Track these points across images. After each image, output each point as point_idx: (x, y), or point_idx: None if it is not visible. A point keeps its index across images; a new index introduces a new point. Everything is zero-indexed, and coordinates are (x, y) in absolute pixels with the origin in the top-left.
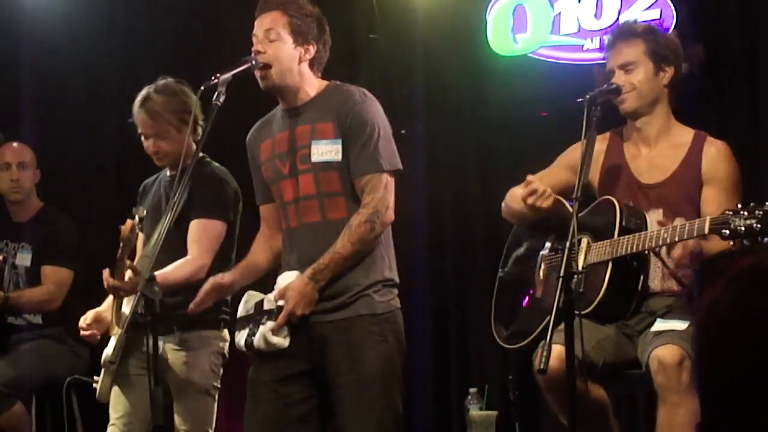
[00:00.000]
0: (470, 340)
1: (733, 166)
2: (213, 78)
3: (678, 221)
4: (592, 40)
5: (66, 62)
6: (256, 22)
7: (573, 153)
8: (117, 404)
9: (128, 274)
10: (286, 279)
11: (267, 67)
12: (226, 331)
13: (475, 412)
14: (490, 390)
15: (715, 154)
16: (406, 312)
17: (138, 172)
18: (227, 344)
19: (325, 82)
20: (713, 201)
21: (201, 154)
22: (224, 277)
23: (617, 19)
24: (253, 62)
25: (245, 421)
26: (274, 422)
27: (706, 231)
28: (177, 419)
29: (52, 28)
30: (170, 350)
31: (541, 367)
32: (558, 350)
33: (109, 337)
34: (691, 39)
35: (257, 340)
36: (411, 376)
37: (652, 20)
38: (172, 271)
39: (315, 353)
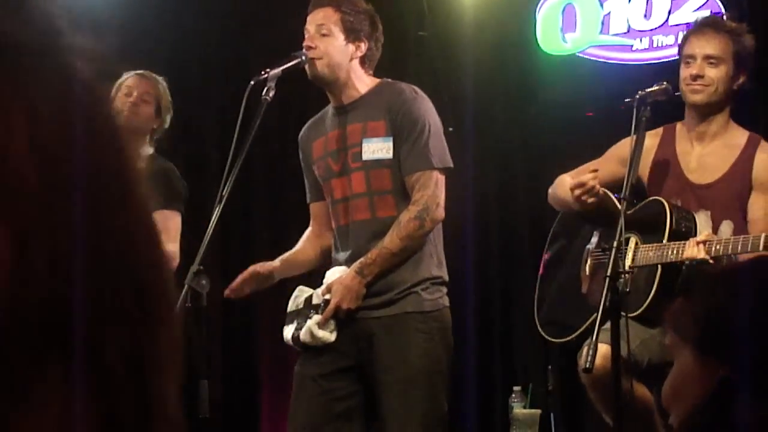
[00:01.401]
0: (515, 338)
1: None
2: (263, 73)
3: (725, 224)
4: (641, 41)
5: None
6: (308, 18)
7: (624, 146)
8: None
9: None
10: (335, 274)
11: (317, 58)
12: None
13: (518, 410)
14: (534, 389)
15: (766, 160)
16: (452, 309)
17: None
18: None
19: (376, 80)
20: (761, 208)
21: (151, 150)
22: (264, 266)
23: (666, 19)
24: (303, 57)
25: (289, 415)
26: (318, 416)
27: (761, 249)
28: None
29: (99, 26)
30: None
31: (587, 366)
32: (603, 349)
33: None
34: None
35: (303, 334)
36: (456, 373)
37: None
38: None
39: (361, 349)
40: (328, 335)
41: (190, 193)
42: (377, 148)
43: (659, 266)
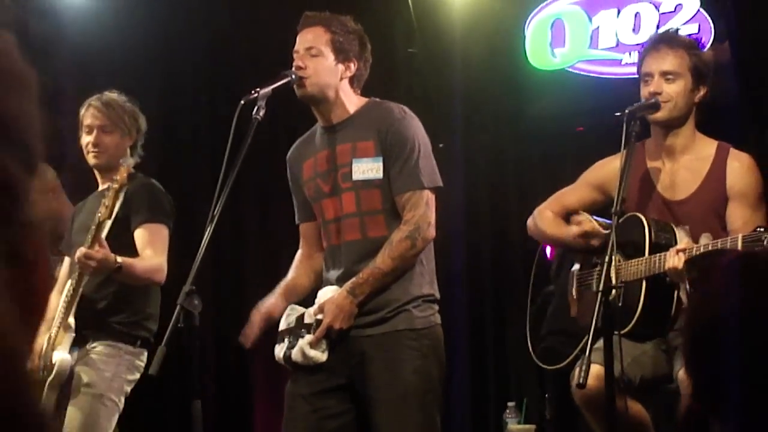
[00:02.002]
0: (508, 354)
1: (758, 179)
2: (252, 92)
3: (704, 237)
4: (630, 55)
5: (105, 61)
6: (298, 38)
7: (597, 170)
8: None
9: (80, 250)
10: (326, 294)
11: (305, 78)
12: (143, 352)
13: (513, 426)
14: (528, 404)
15: (738, 168)
16: (444, 326)
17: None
18: (142, 365)
19: (364, 99)
20: (740, 217)
21: (132, 170)
22: (273, 305)
23: (656, 33)
24: (293, 77)
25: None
26: None
27: (739, 248)
28: (66, 420)
29: (90, 48)
30: (80, 353)
31: (580, 381)
32: (596, 370)
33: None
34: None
35: (295, 354)
36: (449, 390)
37: (692, 34)
38: (139, 261)
39: (353, 367)
40: (320, 355)
41: (181, 213)
42: (367, 168)
43: (644, 281)
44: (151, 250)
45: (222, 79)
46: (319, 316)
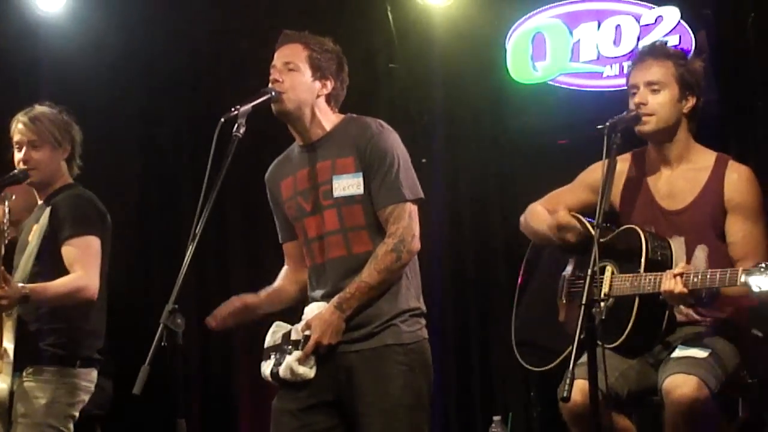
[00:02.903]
0: (493, 368)
1: (756, 191)
2: (233, 109)
3: (699, 249)
4: (611, 67)
5: (85, 79)
6: (276, 54)
7: (594, 172)
8: None
9: None
10: (313, 310)
11: (282, 93)
12: (87, 372)
13: None
14: (514, 417)
15: (737, 180)
16: (429, 339)
17: (158, 195)
18: (90, 384)
19: (341, 116)
20: (739, 230)
21: (70, 181)
22: (247, 298)
23: (636, 45)
24: (273, 93)
25: None
26: None
27: (738, 283)
28: None
29: (70, 43)
30: (16, 381)
31: (564, 395)
32: (580, 384)
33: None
34: (709, 63)
35: (283, 370)
36: (435, 404)
37: (672, 46)
38: (55, 283)
39: (340, 383)
40: (308, 371)
41: (163, 231)
42: (348, 185)
43: (637, 297)
44: (78, 266)
45: (202, 97)
46: (307, 332)
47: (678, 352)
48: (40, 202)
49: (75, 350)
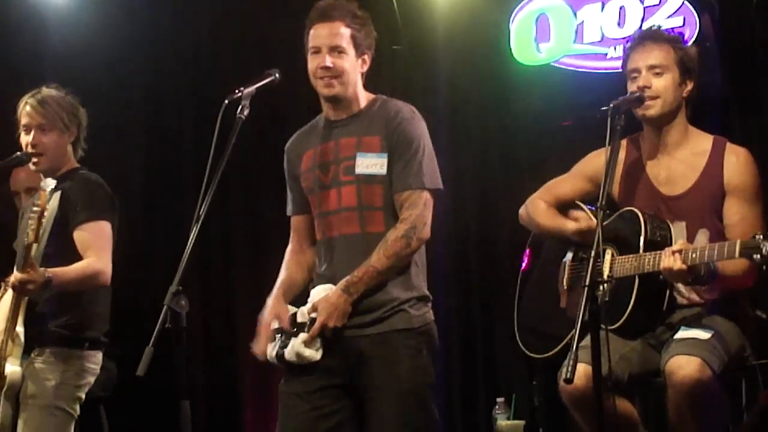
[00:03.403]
0: (497, 350)
1: (755, 173)
2: (236, 91)
3: (701, 233)
4: (615, 49)
5: (88, 63)
6: (315, 31)
7: (591, 161)
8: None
9: (14, 275)
10: (320, 292)
11: (336, 77)
12: (94, 354)
13: (502, 421)
14: (518, 400)
15: (735, 163)
16: (435, 323)
17: (162, 178)
18: (96, 366)
19: (371, 95)
20: (736, 212)
21: (76, 165)
22: (284, 309)
23: (640, 26)
24: (276, 75)
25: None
26: None
27: (737, 255)
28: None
29: (75, 33)
30: (25, 362)
31: (567, 376)
32: (583, 368)
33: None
34: (713, 46)
35: (288, 353)
36: (439, 385)
37: (675, 27)
38: (73, 268)
39: (351, 367)
40: (314, 354)
41: (167, 213)
42: (371, 164)
43: (637, 277)
44: (92, 251)
45: (206, 79)
46: (313, 315)
47: (681, 334)
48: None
49: (83, 332)
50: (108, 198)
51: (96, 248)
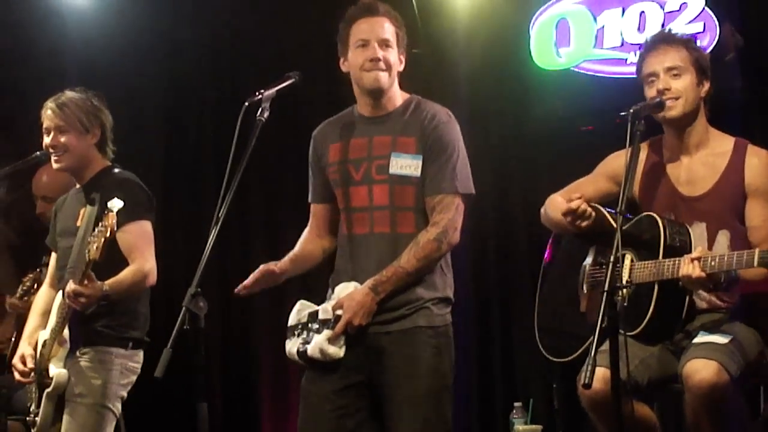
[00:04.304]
0: (515, 354)
1: None
2: (257, 94)
3: (721, 234)
4: (635, 54)
5: (109, 62)
6: (361, 26)
7: (613, 162)
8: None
9: (70, 284)
10: (345, 290)
11: (383, 70)
12: (136, 353)
13: (520, 426)
14: (535, 404)
15: (757, 164)
16: (453, 326)
17: (182, 180)
18: (138, 366)
19: (407, 95)
20: (758, 215)
21: (107, 164)
22: (276, 265)
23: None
24: (296, 77)
25: (299, 431)
26: None
27: (755, 264)
28: (62, 431)
29: (95, 26)
30: (70, 361)
31: (586, 381)
32: (602, 372)
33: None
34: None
35: (312, 350)
36: (456, 389)
37: (696, 33)
38: (126, 276)
39: (372, 363)
40: (338, 351)
41: (187, 215)
42: (406, 165)
43: (656, 283)
44: (137, 253)
45: (226, 82)
46: (339, 312)
47: (699, 338)
48: (78, 186)
49: (128, 332)
50: (146, 196)
51: (140, 250)
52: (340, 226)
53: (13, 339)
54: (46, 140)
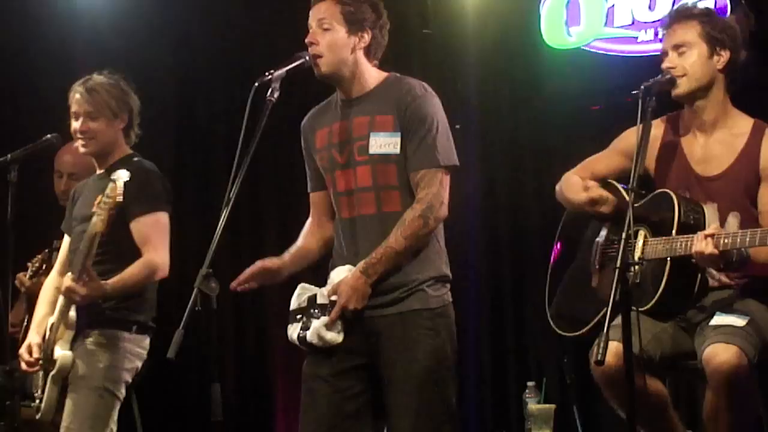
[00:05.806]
0: (527, 334)
1: None
2: (267, 74)
3: (732, 216)
4: (646, 32)
5: (120, 46)
6: (310, 13)
7: (628, 138)
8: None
9: (67, 278)
10: (340, 274)
11: (319, 57)
12: (142, 338)
13: (533, 405)
14: (548, 383)
15: None
16: (463, 307)
17: (193, 161)
18: (144, 351)
19: (384, 74)
20: None
21: (129, 152)
22: (273, 261)
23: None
24: (307, 57)
25: (301, 415)
26: (330, 416)
27: None
28: (64, 413)
29: (106, 32)
30: (75, 344)
31: (599, 358)
32: (614, 347)
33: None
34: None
35: (310, 335)
36: (469, 370)
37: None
38: (130, 273)
39: (370, 347)
40: (336, 336)
41: (198, 196)
42: (385, 143)
43: (669, 260)
44: (150, 246)
45: (236, 62)
46: (333, 297)
47: (716, 320)
48: (99, 171)
49: (132, 316)
50: (164, 188)
51: (154, 242)
52: (330, 210)
53: (24, 323)
54: (75, 125)
